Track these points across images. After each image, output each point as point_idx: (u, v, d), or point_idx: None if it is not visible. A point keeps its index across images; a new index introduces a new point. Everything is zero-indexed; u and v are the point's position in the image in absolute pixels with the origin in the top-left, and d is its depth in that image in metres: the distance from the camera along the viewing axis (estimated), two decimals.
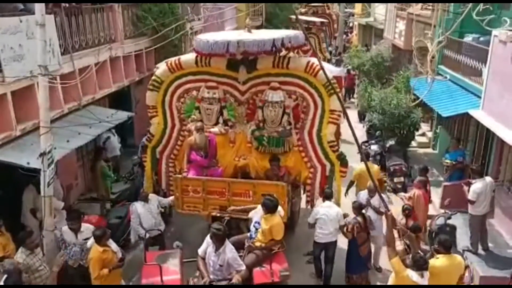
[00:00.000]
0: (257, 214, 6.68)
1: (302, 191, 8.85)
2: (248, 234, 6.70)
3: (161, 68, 8.20)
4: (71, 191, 10.00)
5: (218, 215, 7.56)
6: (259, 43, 7.20)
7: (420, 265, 5.47)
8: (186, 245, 7.69)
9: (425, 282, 5.51)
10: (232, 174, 8.08)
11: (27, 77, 7.24)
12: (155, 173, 8.65)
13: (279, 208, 6.59)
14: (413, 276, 5.40)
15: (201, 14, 14.84)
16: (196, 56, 7.84)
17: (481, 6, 8.10)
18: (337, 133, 8.23)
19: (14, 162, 6.96)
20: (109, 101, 11.33)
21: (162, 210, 8.20)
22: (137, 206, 7.69)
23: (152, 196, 7.92)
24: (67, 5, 8.55)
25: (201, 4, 15.20)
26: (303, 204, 8.86)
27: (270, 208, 6.35)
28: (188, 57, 8.11)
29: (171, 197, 8.05)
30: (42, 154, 6.61)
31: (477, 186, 8.17)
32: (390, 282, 5.84)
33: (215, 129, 8.09)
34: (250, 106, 8.09)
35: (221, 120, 8.17)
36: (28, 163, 6.90)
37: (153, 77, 8.21)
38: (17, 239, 6.51)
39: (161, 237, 7.87)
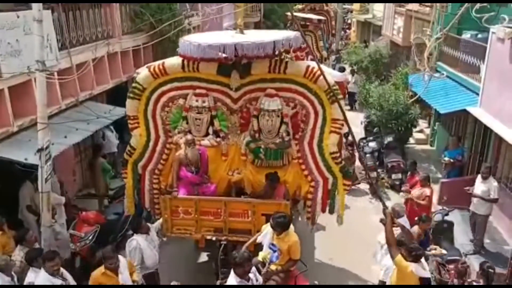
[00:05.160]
0: (266, 237, 6.12)
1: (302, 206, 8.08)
2: (260, 258, 6.01)
3: (143, 73, 7.22)
4: (68, 187, 9.97)
5: (214, 238, 6.96)
6: (259, 46, 6.44)
7: (416, 255, 5.50)
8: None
9: (427, 274, 5.57)
10: (225, 190, 7.36)
11: (25, 73, 7.23)
12: (137, 192, 7.69)
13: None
14: (417, 269, 5.42)
15: (199, 10, 14.80)
16: (183, 60, 6.98)
17: (478, 5, 8.10)
18: (340, 144, 7.56)
19: (11, 158, 6.96)
20: (107, 97, 11.30)
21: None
22: (139, 241, 6.52)
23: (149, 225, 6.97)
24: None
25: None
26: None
27: (285, 226, 5.89)
28: (174, 61, 7.16)
29: (159, 221, 7.22)
30: (39, 150, 6.57)
31: (497, 185, 8.32)
32: (392, 280, 5.84)
33: (206, 142, 7.29)
34: (244, 115, 7.26)
35: (211, 131, 7.38)
36: (26, 159, 6.89)
37: (134, 84, 7.24)
38: (16, 238, 6.49)
39: (157, 273, 6.97)
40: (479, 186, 8.44)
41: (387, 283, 6.69)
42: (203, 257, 8.51)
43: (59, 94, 8.39)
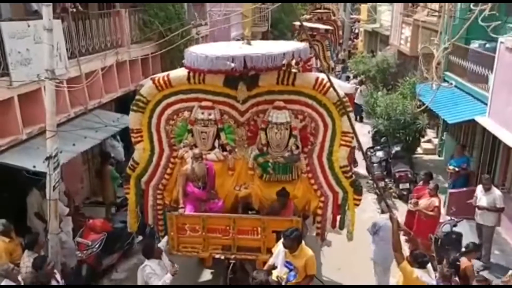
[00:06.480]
0: (278, 257, 5.93)
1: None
2: (274, 277, 5.77)
3: (147, 85, 7.00)
4: (76, 194, 10.02)
5: (223, 257, 6.75)
6: (269, 58, 6.24)
7: (421, 262, 5.48)
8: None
9: (433, 281, 5.54)
10: (232, 206, 7.13)
11: (34, 81, 7.32)
12: (140, 208, 7.47)
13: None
14: (422, 276, 5.40)
15: (207, 19, 14.92)
16: (189, 72, 6.81)
17: (486, 12, 8.09)
18: (350, 157, 7.34)
19: (20, 166, 7.01)
20: (115, 106, 11.38)
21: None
22: (153, 267, 6.03)
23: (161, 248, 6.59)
24: (74, 9, 8.62)
25: (207, 9, 15.28)
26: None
27: (299, 239, 5.82)
28: (179, 73, 7.00)
29: (165, 239, 6.98)
30: (48, 158, 6.63)
31: (501, 194, 8.32)
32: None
33: (212, 156, 7.08)
34: (251, 128, 7.06)
35: (217, 145, 7.21)
36: (34, 167, 6.94)
37: (137, 96, 7.03)
38: (25, 244, 6.50)
39: None
40: (483, 198, 8.40)
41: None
42: (207, 274, 8.29)
43: (68, 102, 8.47)
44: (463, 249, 6.86)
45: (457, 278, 6.98)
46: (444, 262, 7.23)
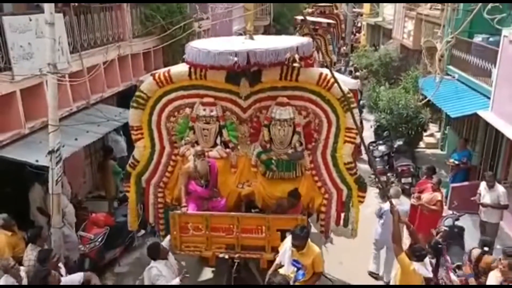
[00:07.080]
0: (285, 255, 5.85)
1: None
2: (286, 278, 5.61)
3: (147, 81, 6.89)
4: (78, 189, 10.05)
5: (227, 257, 6.65)
6: (273, 53, 6.11)
7: (419, 255, 5.49)
8: None
9: (430, 274, 5.57)
10: (235, 204, 7.03)
11: (36, 75, 7.32)
12: (141, 205, 7.37)
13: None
14: (419, 269, 5.41)
15: (209, 13, 14.87)
16: (190, 68, 6.66)
17: (490, 5, 8.04)
18: (355, 154, 7.22)
19: (22, 160, 7.03)
20: (117, 100, 11.38)
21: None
22: (161, 268, 5.80)
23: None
24: (76, 4, 8.62)
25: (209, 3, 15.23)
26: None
27: (307, 236, 5.76)
28: (180, 69, 6.88)
29: (167, 238, 6.87)
30: (50, 152, 6.65)
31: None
32: (395, 280, 5.81)
33: (214, 153, 6.95)
34: (254, 125, 6.92)
35: (219, 142, 7.08)
36: (36, 161, 6.96)
37: (137, 93, 6.88)
38: (28, 238, 6.52)
39: None
40: (487, 195, 8.37)
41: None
42: (208, 273, 8.20)
43: (70, 96, 8.48)
44: (485, 248, 6.80)
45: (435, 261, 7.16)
46: (427, 246, 7.29)
